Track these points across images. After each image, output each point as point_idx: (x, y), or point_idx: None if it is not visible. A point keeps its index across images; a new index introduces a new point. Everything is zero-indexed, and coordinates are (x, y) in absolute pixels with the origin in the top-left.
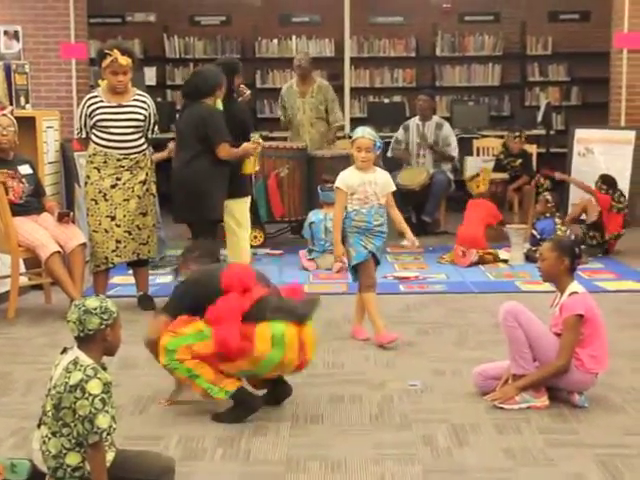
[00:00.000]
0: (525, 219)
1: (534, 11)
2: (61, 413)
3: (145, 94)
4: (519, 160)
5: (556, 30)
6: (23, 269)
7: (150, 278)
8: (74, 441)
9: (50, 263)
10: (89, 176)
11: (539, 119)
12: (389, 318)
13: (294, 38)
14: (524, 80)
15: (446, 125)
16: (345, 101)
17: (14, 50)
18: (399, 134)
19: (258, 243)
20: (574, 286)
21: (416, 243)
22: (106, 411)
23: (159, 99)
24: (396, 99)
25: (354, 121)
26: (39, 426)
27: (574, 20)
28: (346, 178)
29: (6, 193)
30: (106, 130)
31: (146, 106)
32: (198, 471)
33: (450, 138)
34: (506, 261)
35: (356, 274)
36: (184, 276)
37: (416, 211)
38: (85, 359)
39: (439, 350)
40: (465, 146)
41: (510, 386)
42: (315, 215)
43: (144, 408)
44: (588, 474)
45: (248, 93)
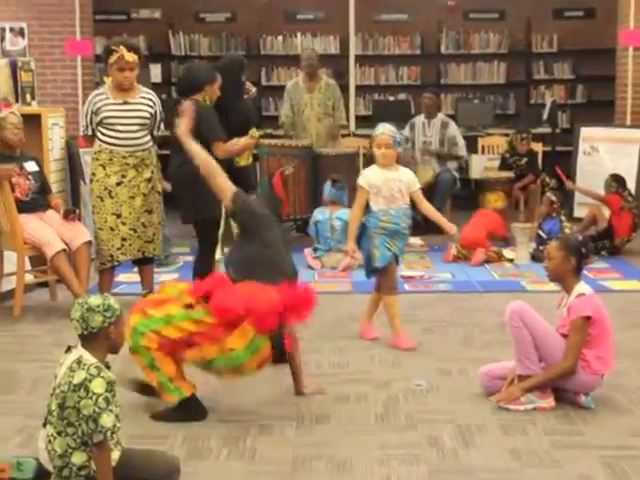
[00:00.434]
0: (531, 218)
1: (539, 8)
2: (65, 412)
3: (151, 91)
4: (525, 159)
5: (561, 27)
6: (29, 266)
7: (155, 276)
8: (79, 440)
9: (56, 261)
10: (95, 173)
11: (544, 117)
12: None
13: (299, 35)
14: (529, 78)
15: (452, 124)
16: (350, 99)
17: (19, 47)
18: (405, 132)
19: None
20: (581, 287)
21: (454, 230)
22: (110, 410)
23: (164, 96)
24: (401, 97)
25: (359, 119)
26: (44, 425)
27: (579, 17)
28: (369, 176)
29: (12, 190)
30: (112, 127)
31: (152, 103)
32: (203, 471)
33: (457, 137)
34: (512, 260)
35: (373, 274)
36: None
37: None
38: (89, 358)
39: (445, 350)
40: (470, 144)
41: (515, 387)
42: (321, 213)
43: (150, 407)
44: (594, 475)
45: (254, 90)
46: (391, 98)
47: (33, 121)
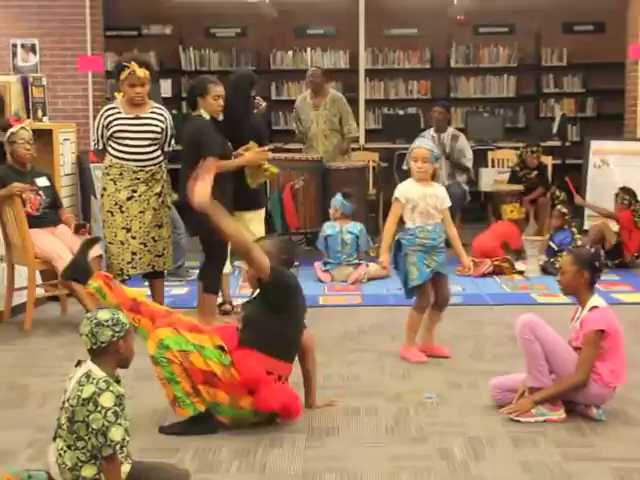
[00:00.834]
0: (541, 231)
1: (549, 22)
2: (75, 426)
3: (162, 107)
4: (535, 172)
5: (571, 41)
6: (39, 281)
7: (165, 290)
8: (89, 454)
9: None
10: (105, 188)
11: (554, 130)
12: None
13: (309, 50)
14: (539, 91)
15: (461, 137)
16: (360, 113)
17: (31, 63)
18: None
19: None
20: (595, 300)
21: (470, 267)
22: (119, 424)
23: (174, 111)
24: (411, 111)
25: (369, 133)
26: (54, 439)
27: (589, 31)
28: (405, 190)
29: (23, 205)
30: (122, 142)
31: (163, 119)
32: None
33: (465, 150)
34: (522, 272)
35: (411, 293)
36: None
37: None
38: (98, 372)
39: (455, 362)
40: (480, 158)
41: (526, 399)
42: (331, 227)
43: (160, 420)
44: None
45: (264, 105)
46: (401, 112)
47: (44, 137)
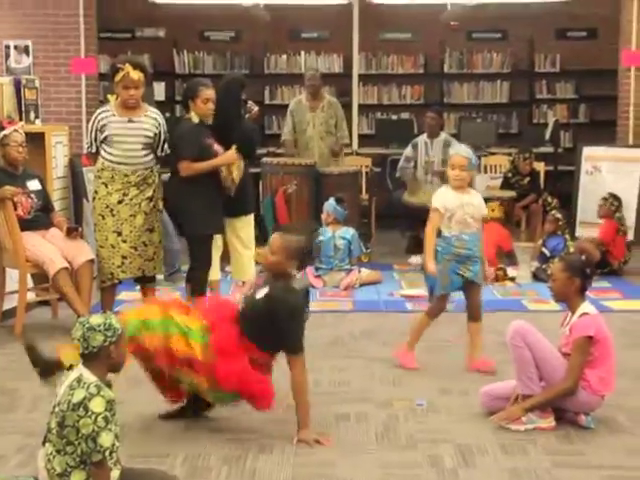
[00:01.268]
0: (532, 237)
1: (542, 29)
2: (65, 431)
3: (157, 111)
4: (527, 178)
5: (564, 48)
6: (31, 284)
7: (157, 294)
8: (78, 459)
9: (58, 279)
10: (97, 191)
11: (547, 137)
12: (396, 336)
13: (303, 54)
14: (532, 97)
15: (454, 142)
16: (353, 117)
17: (24, 65)
18: (408, 151)
19: None
20: (585, 306)
21: (489, 280)
22: (109, 429)
23: (167, 114)
24: (404, 116)
25: (362, 138)
26: (44, 443)
27: (582, 38)
28: (443, 199)
29: (14, 208)
30: (115, 145)
31: (157, 123)
32: None
33: None
34: (513, 279)
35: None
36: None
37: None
38: (89, 376)
39: (446, 369)
40: None
41: (516, 407)
42: (324, 233)
43: (150, 425)
44: None
45: (256, 109)
46: (394, 117)
47: (37, 139)
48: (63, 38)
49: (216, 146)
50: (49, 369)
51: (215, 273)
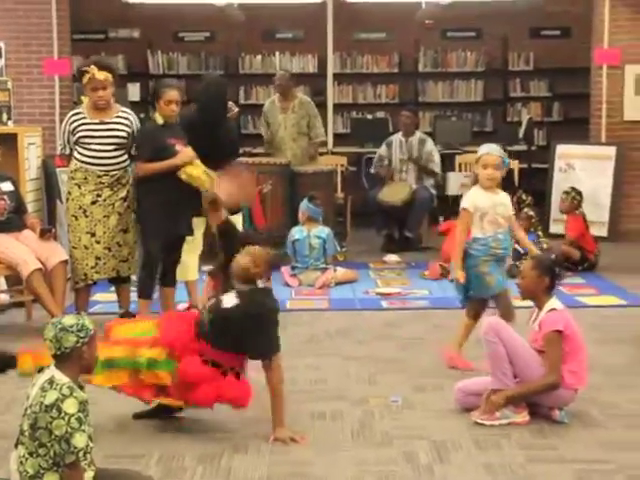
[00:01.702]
0: None
1: (515, 27)
2: (37, 433)
3: (129, 111)
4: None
5: (537, 46)
6: (4, 286)
7: (132, 295)
8: (51, 461)
9: (31, 280)
10: (70, 192)
11: (521, 135)
12: (371, 333)
13: (277, 54)
14: (506, 96)
15: (429, 141)
16: (328, 117)
17: None
18: (382, 150)
19: None
20: (553, 302)
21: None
22: (82, 430)
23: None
24: (379, 115)
25: (337, 137)
26: (16, 446)
27: (555, 36)
28: (475, 199)
29: None
30: (87, 146)
31: (129, 123)
32: None
33: (433, 153)
34: None
35: (466, 300)
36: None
37: (399, 227)
38: (61, 377)
39: (420, 366)
40: (448, 162)
41: (498, 395)
42: (299, 232)
43: (124, 426)
44: None
45: (236, 110)
46: (369, 116)
47: (9, 141)
48: (36, 39)
49: (179, 147)
50: (4, 364)
51: (192, 274)
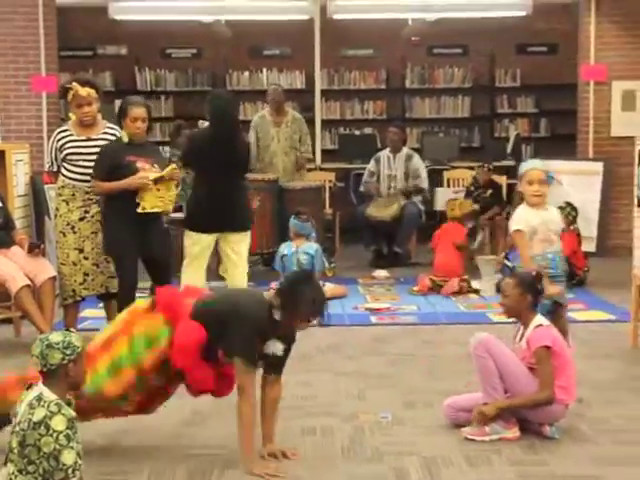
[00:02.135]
0: (496, 250)
1: (502, 44)
2: (26, 450)
3: (116, 127)
4: (489, 191)
5: (524, 63)
6: None
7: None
8: (41, 478)
9: (20, 297)
10: (58, 209)
11: (509, 150)
12: (360, 349)
13: (265, 70)
14: (493, 112)
15: (416, 156)
16: (316, 133)
17: None
18: (371, 166)
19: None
20: (538, 319)
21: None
22: (71, 447)
23: None
24: (367, 131)
25: (325, 153)
26: (6, 463)
27: (542, 53)
28: (525, 218)
29: None
30: (75, 163)
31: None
32: None
33: (420, 170)
34: (477, 291)
35: None
36: None
37: (387, 242)
38: (49, 395)
39: (410, 382)
40: (435, 177)
41: (489, 406)
42: (287, 248)
43: (114, 442)
44: None
45: None
46: (357, 132)
47: None
48: (23, 56)
49: (140, 164)
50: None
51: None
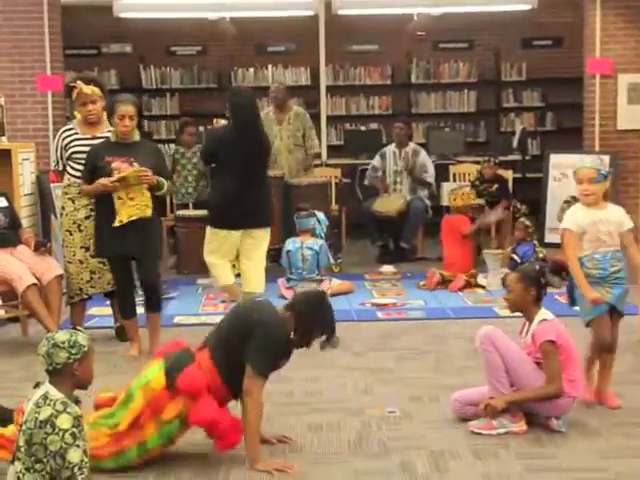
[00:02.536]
0: (502, 244)
1: (507, 38)
2: (33, 449)
3: None
4: (495, 185)
5: (530, 56)
6: (0, 302)
7: None
8: (48, 476)
9: (27, 295)
10: (64, 207)
11: (514, 144)
12: (367, 345)
13: (270, 67)
14: (499, 106)
15: (422, 152)
16: (322, 129)
17: None
18: (375, 161)
19: (237, 271)
20: (543, 313)
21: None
22: (77, 445)
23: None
24: (372, 126)
25: (331, 149)
26: (13, 461)
27: (547, 46)
28: (575, 216)
29: None
30: (80, 162)
31: None
32: None
33: (427, 165)
34: (484, 287)
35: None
36: None
37: (394, 238)
38: (55, 393)
39: (417, 377)
40: (441, 172)
41: (498, 399)
42: (292, 244)
43: None
44: None
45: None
46: (362, 128)
47: (3, 156)
48: (28, 55)
49: (115, 165)
50: (5, 418)
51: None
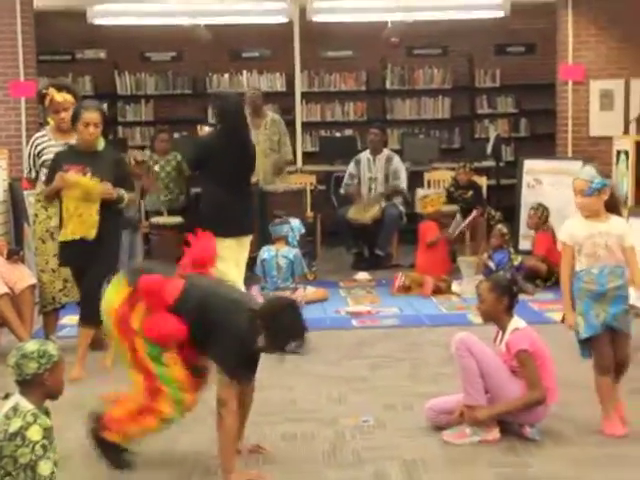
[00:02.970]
0: (476, 251)
1: (481, 44)
2: (3, 462)
3: None
4: (470, 192)
5: (503, 63)
6: None
7: None
8: None
9: None
10: (37, 215)
11: (489, 151)
12: (341, 353)
13: (245, 73)
14: (473, 112)
15: (396, 158)
16: (297, 135)
17: None
18: (351, 168)
19: None
20: (515, 322)
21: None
22: (47, 457)
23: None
24: (347, 133)
25: (306, 155)
26: None
27: (520, 53)
28: (570, 229)
29: None
30: None
31: None
32: None
33: (399, 171)
34: (456, 294)
35: (586, 349)
36: None
37: (369, 245)
38: (25, 405)
39: (391, 385)
40: (416, 179)
41: (483, 410)
42: (267, 252)
43: (92, 452)
44: None
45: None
46: (337, 134)
47: None
48: (1, 61)
49: (68, 175)
50: None
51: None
